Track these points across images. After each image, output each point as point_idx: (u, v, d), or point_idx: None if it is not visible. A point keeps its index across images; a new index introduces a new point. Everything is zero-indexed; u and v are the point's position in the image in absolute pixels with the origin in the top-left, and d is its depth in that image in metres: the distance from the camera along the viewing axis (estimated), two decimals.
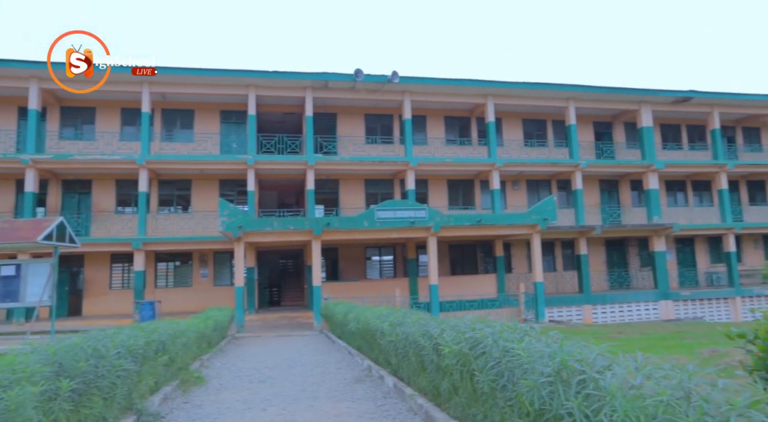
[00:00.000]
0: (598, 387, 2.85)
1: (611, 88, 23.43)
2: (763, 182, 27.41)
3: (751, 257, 26.32)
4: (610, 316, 22.11)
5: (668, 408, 2.64)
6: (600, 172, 24.35)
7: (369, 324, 7.91)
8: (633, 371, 3.04)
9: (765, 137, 27.53)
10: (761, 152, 27.44)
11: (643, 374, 2.99)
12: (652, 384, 2.86)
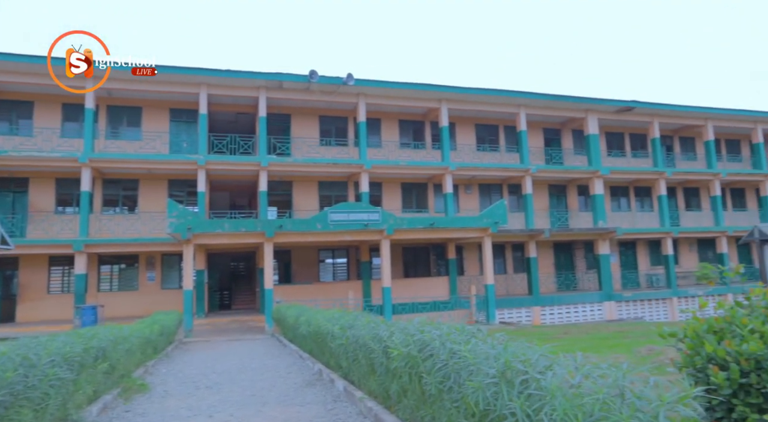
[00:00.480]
0: (539, 387, 2.92)
1: (560, 97, 24.21)
2: (697, 189, 28.94)
3: (686, 260, 27.73)
4: (558, 317, 22.80)
5: (604, 406, 2.73)
6: (549, 177, 25.09)
7: (320, 328, 7.85)
8: (572, 371, 3.13)
9: (699, 146, 29.07)
10: (696, 161, 28.98)
11: (581, 373, 3.08)
12: (590, 382, 2.95)
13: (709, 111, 27.08)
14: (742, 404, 2.92)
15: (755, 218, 28.41)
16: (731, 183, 28.96)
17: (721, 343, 3.08)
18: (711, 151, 27.38)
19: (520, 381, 3.03)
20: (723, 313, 3.46)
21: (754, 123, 28.33)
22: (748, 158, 29.68)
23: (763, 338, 2.97)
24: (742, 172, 27.90)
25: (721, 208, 27.21)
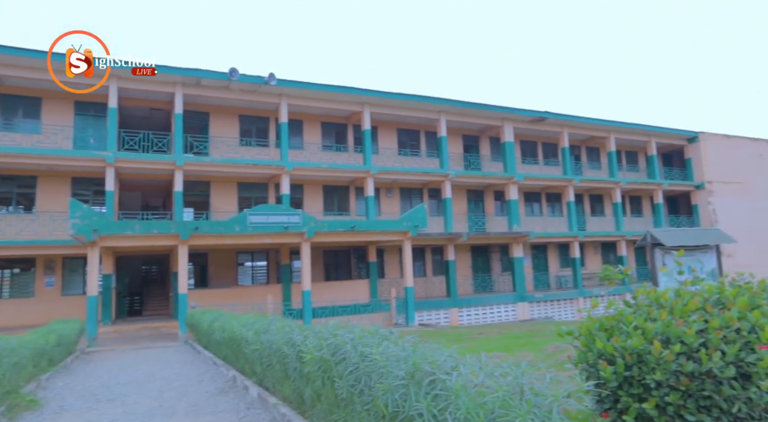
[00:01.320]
0: (445, 388, 2.99)
1: (478, 105, 25.12)
2: (601, 196, 31.10)
3: (591, 262, 29.69)
4: (475, 318, 23.60)
5: (504, 403, 2.84)
6: (467, 182, 25.95)
7: (234, 333, 7.62)
8: (476, 370, 3.23)
9: (603, 156, 31.27)
10: (600, 170, 31.14)
11: (484, 373, 3.19)
12: (492, 381, 3.06)
13: (611, 124, 29.19)
14: (626, 395, 3.16)
15: (650, 224, 30.94)
16: (630, 191, 31.38)
17: (610, 340, 3.32)
18: (613, 161, 29.53)
19: (427, 382, 3.09)
20: (613, 312, 3.73)
21: (649, 137, 30.90)
22: (644, 169, 32.29)
23: (644, 334, 3.23)
24: (638, 181, 30.30)
25: (621, 214, 29.39)
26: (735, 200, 31.43)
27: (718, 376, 3.00)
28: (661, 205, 30.67)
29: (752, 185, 32.31)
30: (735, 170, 32.11)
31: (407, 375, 3.25)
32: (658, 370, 3.04)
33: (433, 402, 2.96)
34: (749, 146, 33.29)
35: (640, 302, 3.83)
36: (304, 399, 5.02)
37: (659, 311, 3.53)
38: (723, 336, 3.21)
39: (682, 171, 32.59)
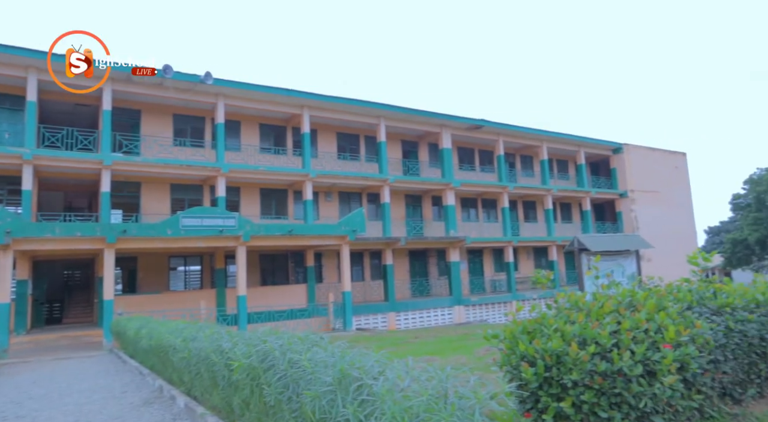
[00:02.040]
0: (371, 393, 3.00)
1: (417, 111, 25.49)
2: (534, 202, 32.33)
3: (524, 266, 30.76)
4: (412, 322, 23.84)
5: (428, 407, 2.87)
6: (406, 187, 26.25)
7: (162, 341, 7.32)
8: (403, 375, 3.26)
9: (536, 164, 32.53)
10: (533, 177, 32.37)
11: (411, 377, 3.22)
12: (418, 385, 3.09)
13: (544, 134, 30.44)
14: (545, 395, 3.29)
15: (578, 230, 32.49)
16: (561, 198, 32.82)
17: (532, 342, 3.45)
18: (545, 169, 30.79)
19: (354, 387, 3.09)
20: (536, 315, 3.88)
21: (578, 147, 32.47)
22: (574, 177, 33.88)
23: (563, 336, 3.38)
24: (569, 189, 31.76)
25: (553, 220, 30.67)
26: (654, 207, 33.58)
27: (627, 374, 3.18)
28: (589, 212, 32.27)
29: (669, 194, 34.66)
30: (654, 179, 34.32)
31: (335, 381, 3.23)
32: (574, 370, 3.19)
33: (359, 407, 2.96)
34: (666, 158, 35.72)
35: (561, 305, 4.01)
36: (233, 407, 4.90)
37: (577, 314, 3.70)
38: (633, 337, 3.42)
39: (607, 180, 34.43)
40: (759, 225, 40.90)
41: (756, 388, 4.10)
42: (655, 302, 3.76)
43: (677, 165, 36.37)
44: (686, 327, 3.53)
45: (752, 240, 40.99)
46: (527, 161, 33.01)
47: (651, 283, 4.63)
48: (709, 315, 3.98)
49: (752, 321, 4.00)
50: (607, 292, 4.17)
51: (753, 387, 4.05)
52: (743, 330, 3.92)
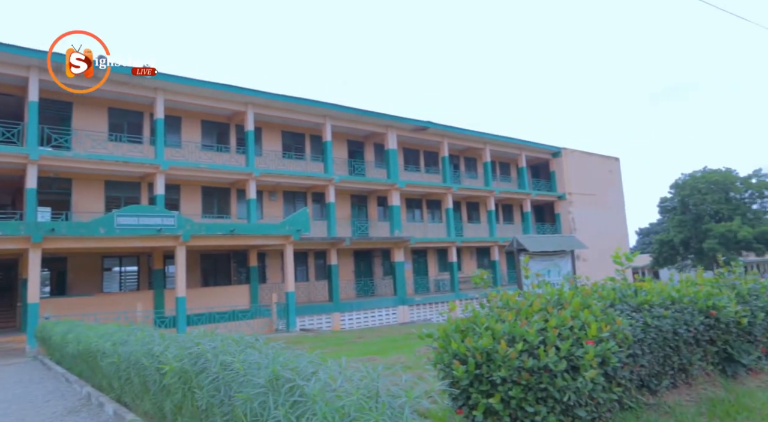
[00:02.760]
0: (303, 394, 2.98)
1: (364, 111, 25.53)
2: (477, 203, 33.08)
3: (468, 266, 31.41)
4: (357, 322, 23.85)
5: (360, 406, 2.89)
6: (352, 187, 26.23)
7: (90, 345, 6.98)
8: (336, 375, 3.26)
9: (480, 166, 33.30)
10: (476, 179, 33.13)
11: (344, 377, 3.23)
12: (350, 385, 3.10)
13: (487, 136, 31.21)
14: (476, 392, 3.38)
15: (519, 230, 33.52)
16: (503, 200, 33.74)
17: (464, 341, 3.54)
18: (488, 171, 31.58)
19: (286, 389, 3.07)
20: (469, 314, 3.98)
21: (520, 150, 33.51)
22: (516, 179, 34.92)
23: (494, 334, 3.49)
24: (510, 190, 32.70)
25: (495, 221, 31.49)
26: (590, 209, 35.13)
27: (552, 370, 3.32)
28: (530, 213, 33.35)
29: (603, 197, 36.37)
30: (590, 183, 35.91)
31: (267, 382, 3.20)
32: (503, 367, 3.30)
33: (291, 409, 2.94)
34: (601, 163, 37.45)
35: (493, 304, 4.13)
36: (165, 413, 4.75)
37: (508, 312, 3.83)
38: (559, 334, 3.57)
39: (547, 183, 35.70)
40: (683, 227, 43.60)
41: (670, 379, 4.37)
42: (581, 300, 3.94)
43: (611, 169, 38.20)
44: (608, 324, 3.72)
45: (677, 241, 43.64)
46: (471, 163, 33.73)
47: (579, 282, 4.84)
48: (629, 312, 4.21)
49: (667, 316, 4.26)
50: (537, 291, 4.33)
51: (667, 379, 4.32)
52: (659, 325, 4.17)
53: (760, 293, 5.40)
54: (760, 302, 5.27)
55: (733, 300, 4.85)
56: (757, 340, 5.22)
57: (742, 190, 43.73)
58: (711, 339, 4.77)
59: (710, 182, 43.13)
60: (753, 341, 5.16)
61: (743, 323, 4.86)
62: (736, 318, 4.79)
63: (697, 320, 4.51)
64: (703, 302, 4.66)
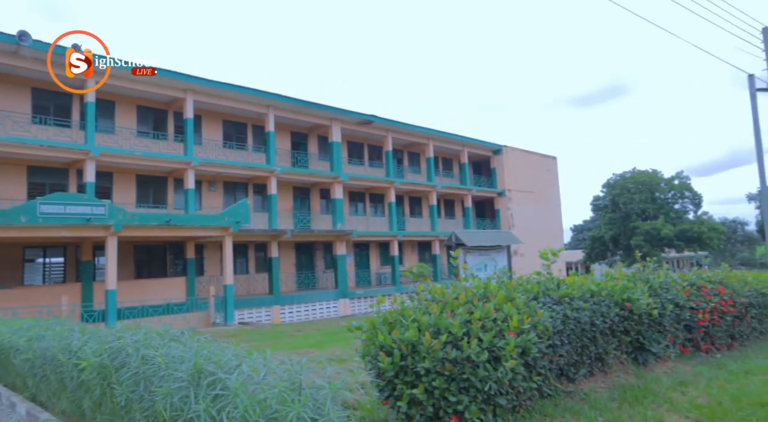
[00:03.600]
0: (225, 387, 2.94)
1: (308, 103, 25.23)
2: (420, 198, 33.51)
3: (409, 260, 31.80)
4: (297, 315, 23.67)
5: (282, 398, 2.87)
6: (294, 179, 25.91)
7: (2, 342, 6.57)
8: (260, 367, 3.23)
9: (423, 161, 33.71)
10: (419, 174, 33.53)
11: (268, 369, 3.20)
12: (273, 378, 3.08)
13: (431, 132, 31.62)
14: (401, 382, 3.45)
15: (460, 225, 34.24)
16: (445, 195, 34.32)
17: (390, 333, 3.59)
18: (431, 166, 32.03)
19: (208, 382, 3.01)
20: (398, 307, 4.04)
21: (462, 146, 34.17)
22: (458, 175, 35.62)
23: (419, 326, 3.56)
24: (452, 186, 33.32)
25: (437, 216, 32.01)
26: (528, 206, 36.34)
27: (475, 360, 3.43)
28: (470, 209, 34.10)
29: (541, 195, 37.72)
30: (529, 180, 37.14)
31: (189, 376, 3.14)
32: (427, 358, 3.37)
33: (212, 403, 2.90)
34: (540, 161, 38.80)
35: (422, 297, 4.22)
36: (84, 410, 4.56)
37: (435, 305, 3.91)
38: (482, 326, 3.68)
39: (488, 179, 36.62)
40: (613, 225, 45.90)
41: (587, 368, 4.62)
42: (505, 293, 4.09)
43: (549, 168, 39.65)
44: (530, 316, 3.88)
45: (608, 238, 45.89)
46: (414, 158, 34.09)
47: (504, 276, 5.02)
48: (551, 305, 4.41)
49: (586, 309, 4.50)
50: (465, 284, 4.45)
51: (584, 367, 4.56)
52: (578, 317, 4.39)
53: (670, 287, 5.79)
54: (670, 295, 5.65)
55: (646, 293, 5.18)
56: (666, 330, 5.60)
57: (666, 190, 46.49)
58: (625, 329, 5.08)
59: (638, 183, 45.59)
60: (662, 331, 5.53)
61: (654, 314, 5.19)
62: (647, 309, 5.11)
63: (613, 312, 4.79)
64: (619, 295, 4.94)
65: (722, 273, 7.23)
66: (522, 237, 31.25)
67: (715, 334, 6.52)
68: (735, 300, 6.85)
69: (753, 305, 7.23)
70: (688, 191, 46.14)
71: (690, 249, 45.75)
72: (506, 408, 3.75)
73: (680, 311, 5.87)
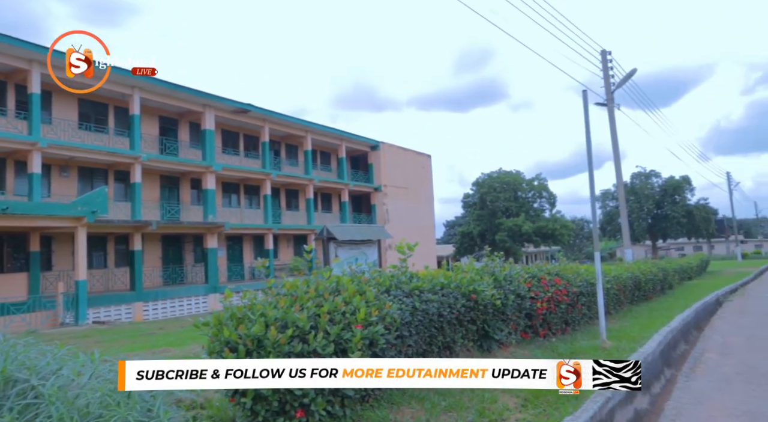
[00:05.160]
0: (40, 395, 2.69)
1: (178, 86, 23.72)
2: (297, 191, 33.15)
3: (284, 254, 31.34)
4: (162, 312, 22.24)
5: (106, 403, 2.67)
6: (162, 167, 24.27)
7: None
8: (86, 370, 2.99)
9: (301, 154, 33.36)
10: (297, 167, 33.15)
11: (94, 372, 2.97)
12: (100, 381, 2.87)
13: (309, 125, 31.39)
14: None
15: (337, 219, 34.45)
16: (322, 189, 34.32)
17: (237, 328, 3.50)
18: (309, 159, 31.80)
19: (17, 391, 2.72)
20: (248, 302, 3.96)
21: (341, 141, 34.38)
22: (335, 169, 35.78)
23: (266, 320, 3.52)
24: (329, 180, 33.38)
25: (313, 209, 31.89)
26: (403, 202, 37.58)
27: (321, 353, 3.46)
28: (347, 203, 34.45)
29: (415, 191, 39.21)
30: (404, 177, 38.40)
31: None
32: (272, 353, 3.34)
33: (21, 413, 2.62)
34: (415, 158, 40.29)
35: (273, 291, 4.17)
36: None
37: (285, 299, 3.89)
38: (331, 319, 3.73)
39: (365, 174, 37.22)
40: (481, 221, 49.12)
41: (435, 356, 4.89)
42: (356, 287, 4.18)
43: (424, 165, 41.31)
44: (378, 309, 4.00)
45: (476, 233, 49.01)
46: (292, 150, 33.61)
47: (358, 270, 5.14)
48: (402, 297, 4.59)
49: (434, 300, 4.76)
50: (319, 278, 4.48)
51: (433, 356, 4.83)
52: (426, 309, 4.63)
53: (513, 279, 6.34)
54: (513, 287, 6.19)
55: (491, 285, 5.61)
56: (509, 319, 6.12)
57: (527, 190, 50.73)
58: (472, 319, 5.46)
59: (503, 182, 49.21)
60: (506, 319, 6.04)
61: (498, 304, 5.65)
62: (492, 300, 5.55)
63: (460, 303, 5.12)
64: (467, 287, 5.30)
65: (559, 266, 8.07)
66: (396, 232, 32.30)
67: (551, 321, 7.26)
68: (569, 290, 7.69)
69: (583, 293, 8.17)
70: (545, 192, 50.71)
71: (546, 244, 50.39)
72: (354, 399, 3.84)
73: (522, 301, 6.45)
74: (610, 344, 6.85)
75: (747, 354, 7.62)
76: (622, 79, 20.31)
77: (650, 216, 53.97)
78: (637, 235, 54.17)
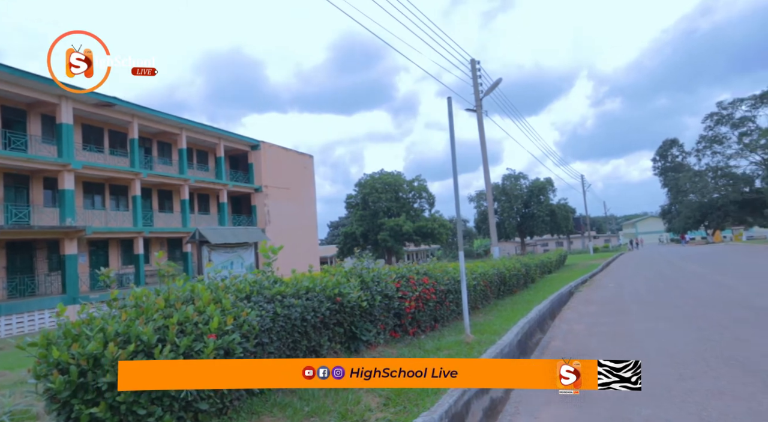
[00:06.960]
0: None
1: (26, 73, 21.16)
2: (170, 191, 31.19)
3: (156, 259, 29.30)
4: (6, 329, 19.73)
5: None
6: (7, 164, 21.50)
7: None
8: None
9: (175, 152, 31.47)
10: (171, 166, 31.20)
11: None
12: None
13: (184, 122, 29.67)
14: (78, 402, 3.08)
15: (215, 221, 32.97)
16: (199, 189, 32.63)
17: (70, 347, 3.18)
18: (183, 158, 30.06)
19: None
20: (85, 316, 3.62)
21: (219, 139, 32.96)
22: (213, 169, 34.22)
23: (106, 336, 3.24)
24: (207, 180, 31.84)
25: (189, 211, 30.21)
26: (285, 203, 36.94)
27: None
28: (226, 204, 33.10)
29: (297, 192, 38.75)
30: (286, 177, 37.77)
31: None
32: (110, 372, 3.08)
33: None
34: (297, 159, 39.81)
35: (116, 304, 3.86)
36: None
37: (129, 311, 3.61)
38: (181, 330, 3.53)
39: (245, 175, 36.03)
40: (363, 221, 49.86)
41: None
42: (212, 295, 4.01)
43: (306, 166, 40.93)
44: (235, 317, 3.87)
45: (358, 233, 49.63)
46: (165, 149, 31.58)
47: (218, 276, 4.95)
48: (263, 303, 4.49)
49: (297, 305, 4.71)
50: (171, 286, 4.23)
51: None
52: (288, 314, 4.57)
53: (381, 280, 6.49)
54: (380, 288, 6.33)
55: (357, 287, 5.69)
56: (377, 319, 6.25)
57: (407, 191, 52.43)
58: (338, 321, 5.49)
59: (385, 183, 50.39)
60: (373, 320, 6.16)
61: (364, 306, 5.74)
62: (358, 302, 5.62)
63: (325, 306, 5.12)
64: (332, 290, 5.32)
65: (428, 265, 8.41)
66: (278, 233, 31.69)
67: (420, 319, 7.54)
68: (437, 288, 8.04)
69: (451, 291, 8.59)
70: (425, 192, 52.77)
71: (426, 243, 52.44)
72: (210, 413, 3.67)
73: (390, 301, 6.62)
74: (473, 338, 7.28)
75: (586, 340, 8.52)
76: (490, 88, 21.77)
77: (519, 215, 58.56)
78: (508, 232, 58.48)
